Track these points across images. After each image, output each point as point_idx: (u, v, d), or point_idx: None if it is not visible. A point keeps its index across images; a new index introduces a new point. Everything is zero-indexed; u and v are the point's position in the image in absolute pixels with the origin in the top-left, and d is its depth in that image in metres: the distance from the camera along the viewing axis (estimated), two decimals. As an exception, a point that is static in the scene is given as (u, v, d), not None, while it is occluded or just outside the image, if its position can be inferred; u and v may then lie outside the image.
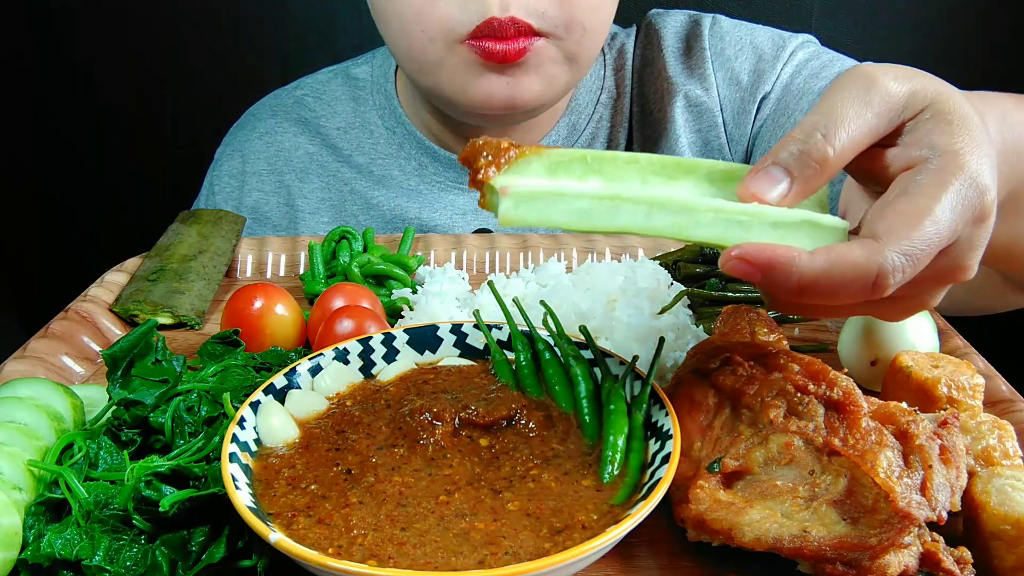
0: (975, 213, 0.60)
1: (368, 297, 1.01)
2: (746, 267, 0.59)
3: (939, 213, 0.58)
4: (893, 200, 0.60)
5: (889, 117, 0.63)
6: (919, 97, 0.63)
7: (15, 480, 0.70)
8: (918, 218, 0.58)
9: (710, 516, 0.65)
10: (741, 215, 0.62)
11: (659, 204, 0.63)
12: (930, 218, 0.58)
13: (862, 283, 0.58)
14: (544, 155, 0.67)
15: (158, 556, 0.65)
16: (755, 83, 1.35)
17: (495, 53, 1.11)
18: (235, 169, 1.49)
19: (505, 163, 0.67)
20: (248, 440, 0.72)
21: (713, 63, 1.37)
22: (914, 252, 0.58)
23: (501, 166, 0.67)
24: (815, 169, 0.62)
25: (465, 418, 0.74)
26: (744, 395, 0.71)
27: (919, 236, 0.58)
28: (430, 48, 1.15)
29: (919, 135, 0.63)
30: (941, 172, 0.60)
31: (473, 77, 1.16)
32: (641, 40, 1.43)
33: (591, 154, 0.68)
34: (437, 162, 1.40)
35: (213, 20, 2.10)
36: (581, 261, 1.23)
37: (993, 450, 0.70)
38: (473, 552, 0.61)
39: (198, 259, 1.18)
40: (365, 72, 1.48)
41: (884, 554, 0.58)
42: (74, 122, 2.17)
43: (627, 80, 1.42)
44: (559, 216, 0.64)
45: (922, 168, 0.61)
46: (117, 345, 0.83)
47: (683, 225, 0.63)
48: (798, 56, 1.34)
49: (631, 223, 0.63)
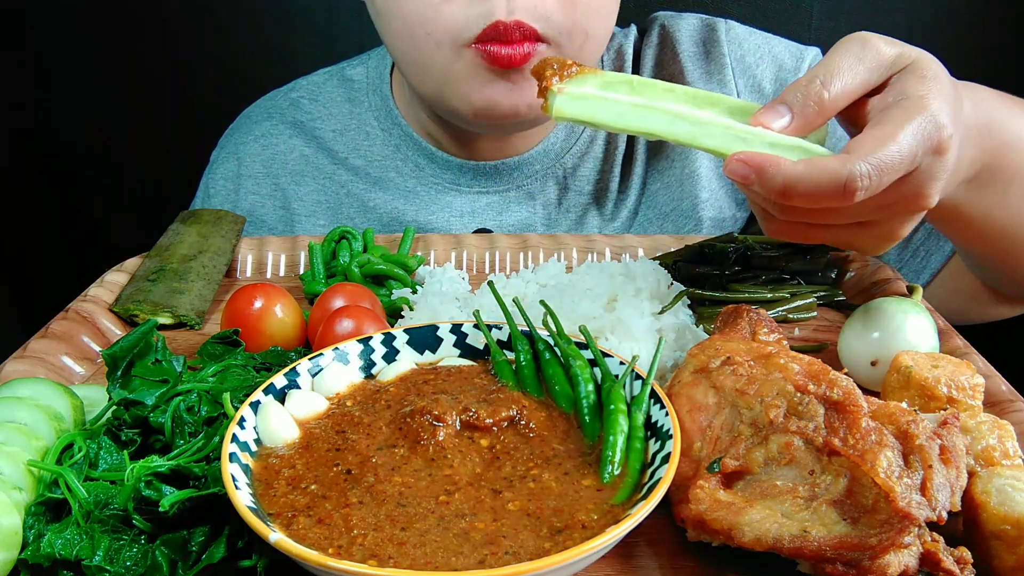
0: (933, 144, 0.73)
1: (368, 297, 1.01)
2: (743, 167, 0.73)
3: (902, 137, 0.71)
4: (867, 130, 0.74)
5: (879, 72, 0.76)
6: (904, 57, 0.77)
7: (15, 480, 0.70)
8: (884, 140, 0.71)
9: (710, 516, 0.65)
10: (746, 133, 0.75)
11: (681, 116, 0.78)
12: (894, 140, 0.71)
13: (835, 186, 0.70)
14: (598, 75, 0.82)
15: (158, 556, 0.65)
16: (778, 92, 1.37)
17: (501, 57, 1.10)
18: (230, 172, 1.49)
19: (567, 76, 0.82)
20: (248, 440, 0.72)
21: (734, 70, 1.38)
22: (879, 163, 0.70)
23: (564, 78, 0.82)
24: (813, 109, 0.75)
25: (466, 420, 0.74)
26: (744, 395, 0.71)
27: (884, 151, 0.70)
28: (435, 52, 1.14)
29: (895, 85, 0.76)
30: (907, 109, 0.73)
31: (477, 84, 1.15)
32: (653, 43, 1.42)
33: (636, 79, 0.82)
34: (434, 163, 1.40)
35: (213, 20, 2.10)
36: (581, 261, 1.23)
37: (993, 450, 0.70)
38: (473, 552, 0.61)
39: (198, 259, 1.18)
40: (361, 73, 1.48)
41: (884, 554, 0.58)
42: (74, 122, 2.17)
43: None
44: (601, 114, 0.80)
45: (893, 106, 0.74)
46: (117, 345, 0.83)
47: (697, 134, 0.77)
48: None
49: (657, 127, 0.79)
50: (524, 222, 1.40)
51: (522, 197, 1.40)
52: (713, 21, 1.42)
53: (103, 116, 2.16)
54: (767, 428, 0.68)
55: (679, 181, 1.38)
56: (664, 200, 1.39)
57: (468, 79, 1.15)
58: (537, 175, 1.39)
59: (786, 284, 1.14)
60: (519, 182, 1.39)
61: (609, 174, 1.40)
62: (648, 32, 1.44)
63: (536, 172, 1.39)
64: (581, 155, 1.39)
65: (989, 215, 0.98)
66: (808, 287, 1.13)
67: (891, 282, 1.11)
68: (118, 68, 2.13)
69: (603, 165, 1.40)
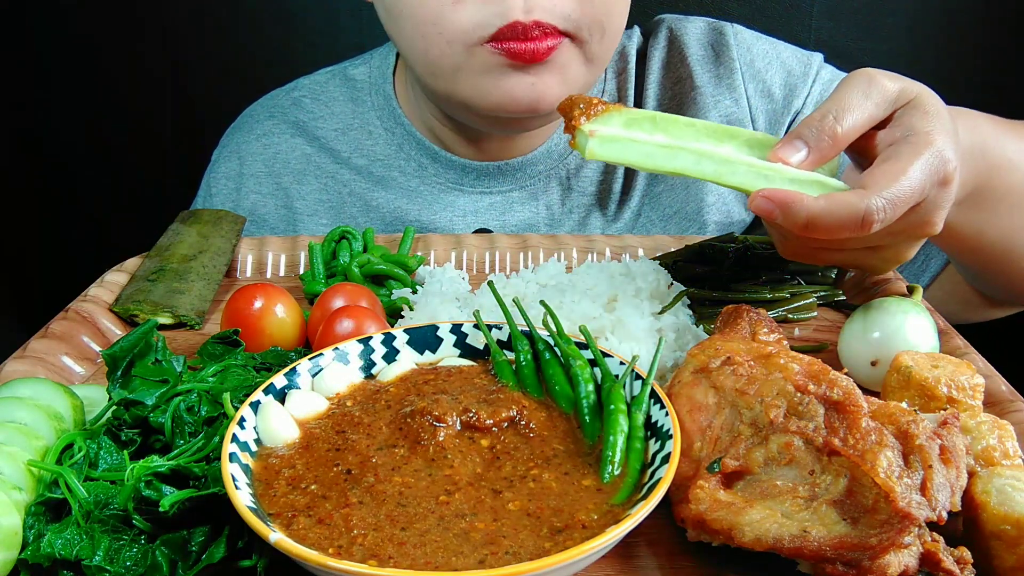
0: (940, 176, 0.80)
1: (368, 297, 1.01)
2: (768, 204, 0.79)
3: (912, 172, 0.77)
4: (878, 164, 0.80)
5: (884, 107, 0.83)
6: (906, 93, 0.84)
7: (15, 480, 0.70)
8: (897, 175, 0.77)
9: (710, 516, 0.65)
10: (767, 170, 0.82)
11: (706, 155, 0.84)
12: (905, 175, 0.77)
13: (854, 219, 0.76)
14: (623, 112, 0.89)
15: (158, 556, 0.65)
16: (788, 97, 1.39)
17: (521, 52, 1.10)
18: (232, 171, 1.48)
19: (594, 115, 0.88)
20: (248, 440, 0.72)
21: (744, 74, 1.39)
22: (893, 197, 0.76)
23: (591, 116, 0.88)
24: (828, 143, 0.81)
25: (466, 421, 0.74)
26: (744, 395, 0.71)
27: (897, 187, 0.77)
28: (448, 52, 1.14)
29: (902, 120, 0.82)
30: (916, 145, 0.79)
31: (495, 79, 1.14)
32: (660, 45, 1.42)
33: (659, 116, 0.89)
34: (437, 163, 1.40)
35: (213, 20, 2.10)
36: (581, 261, 1.23)
37: (993, 450, 0.70)
38: (473, 552, 0.61)
39: (198, 259, 1.18)
40: (363, 73, 1.48)
41: (884, 554, 0.58)
42: (74, 122, 2.17)
43: (630, 83, 1.42)
44: (631, 156, 0.86)
45: (902, 142, 0.80)
46: (117, 345, 0.83)
47: (722, 172, 0.83)
48: (823, 76, 1.41)
49: (684, 166, 0.85)
50: (527, 222, 1.40)
51: (525, 198, 1.40)
52: (720, 25, 1.42)
53: (103, 116, 2.16)
54: (767, 428, 0.68)
55: (684, 184, 1.39)
56: (668, 202, 1.39)
57: (483, 74, 1.15)
58: (540, 176, 1.39)
59: (786, 284, 1.14)
60: (522, 182, 1.39)
61: (612, 175, 1.40)
62: (654, 34, 1.44)
63: (539, 173, 1.39)
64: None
65: (981, 232, 1.05)
66: (808, 287, 1.13)
67: (891, 282, 1.11)
68: (118, 68, 2.13)
69: (607, 166, 1.40)
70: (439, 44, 1.14)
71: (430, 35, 1.14)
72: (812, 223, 0.77)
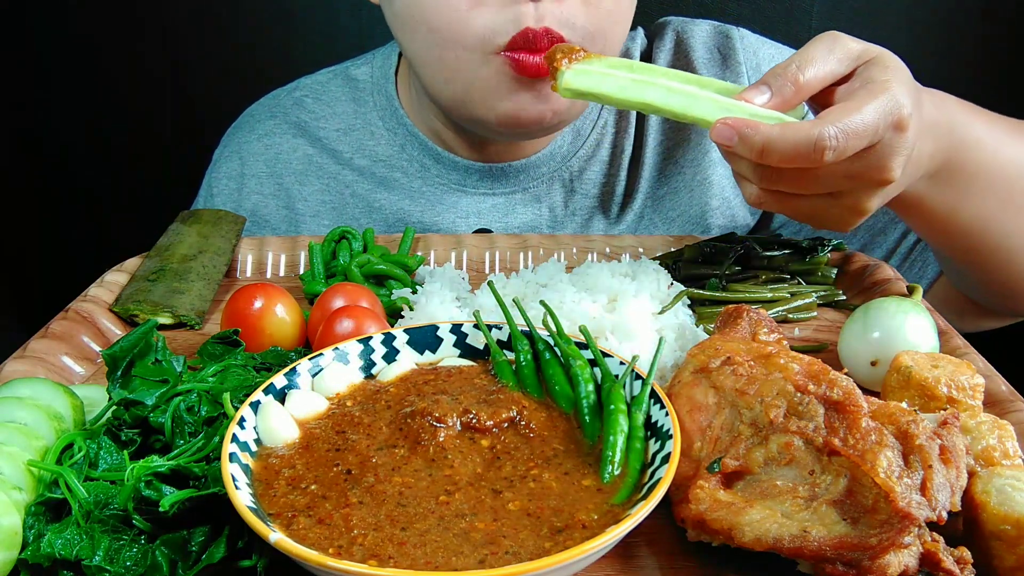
0: (894, 119, 0.82)
1: (368, 297, 1.01)
2: (727, 130, 0.82)
3: (866, 109, 0.81)
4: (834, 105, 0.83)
5: (846, 63, 0.87)
6: (868, 52, 0.88)
7: (15, 480, 0.70)
8: (850, 110, 0.81)
9: (710, 516, 0.65)
10: (731, 106, 0.85)
11: (675, 91, 0.88)
12: (859, 111, 0.81)
13: (807, 144, 0.79)
14: (603, 59, 0.95)
15: (158, 556, 0.65)
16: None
17: (529, 66, 1.10)
18: (233, 171, 1.48)
19: (575, 59, 0.95)
20: (248, 440, 0.72)
21: (750, 78, 1.39)
22: (845, 128, 0.79)
23: (572, 60, 0.95)
24: (790, 88, 0.85)
25: (466, 422, 0.74)
26: (744, 395, 0.71)
27: (849, 119, 0.80)
28: (464, 59, 1.14)
29: (862, 75, 0.87)
30: (871, 90, 0.83)
31: (504, 92, 1.15)
32: (666, 47, 1.42)
33: (636, 63, 0.94)
34: (440, 164, 1.40)
35: (213, 20, 2.10)
36: (581, 261, 1.23)
37: (993, 450, 0.70)
38: (473, 552, 0.61)
39: (198, 259, 1.18)
40: (365, 73, 1.48)
41: (884, 554, 0.58)
42: (74, 122, 2.17)
43: None
44: (604, 87, 0.91)
45: (859, 88, 0.84)
46: (117, 345, 0.83)
47: (688, 105, 0.87)
48: None
49: (654, 98, 0.89)
50: (530, 225, 1.40)
51: (528, 200, 1.40)
52: (726, 28, 1.43)
53: (103, 116, 2.16)
54: (767, 428, 0.68)
55: (688, 187, 1.39)
56: (671, 205, 1.40)
57: (494, 87, 1.15)
58: (543, 178, 1.39)
59: (786, 284, 1.14)
60: (525, 184, 1.39)
61: (615, 178, 1.40)
62: (660, 36, 1.44)
63: (542, 175, 1.39)
64: (588, 158, 1.39)
65: (954, 211, 1.05)
66: (808, 287, 1.13)
67: (891, 282, 1.11)
68: (118, 68, 2.13)
69: (609, 169, 1.40)
70: (455, 51, 1.13)
71: (445, 43, 1.13)
72: (767, 148, 0.80)
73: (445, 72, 1.18)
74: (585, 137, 1.39)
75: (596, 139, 1.40)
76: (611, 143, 1.40)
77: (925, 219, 1.09)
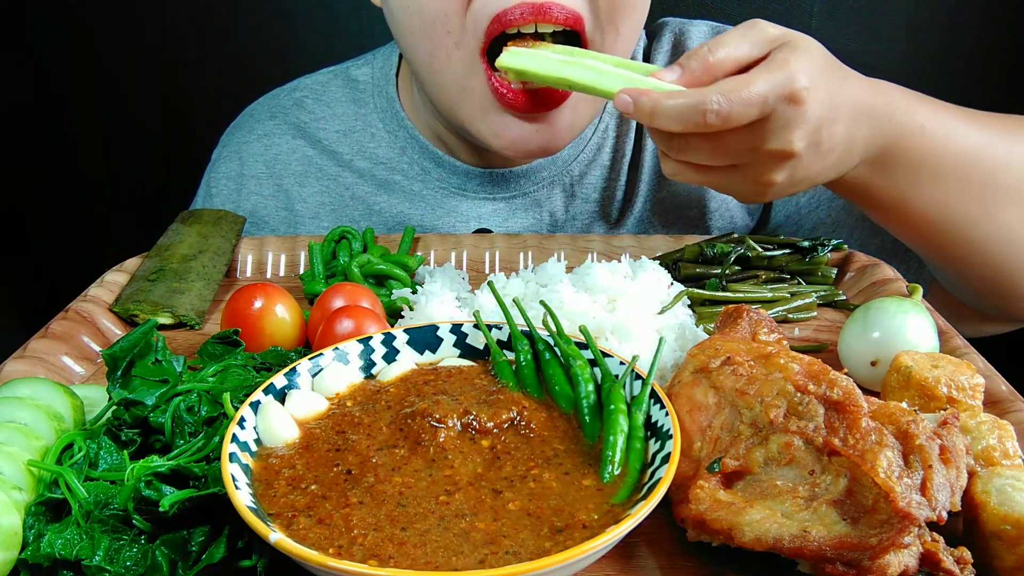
0: (785, 92, 0.86)
1: (368, 297, 1.01)
2: (624, 96, 0.88)
3: (754, 81, 0.85)
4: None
5: (760, 46, 0.90)
6: (786, 36, 0.91)
7: (15, 480, 0.70)
8: (740, 81, 0.85)
9: (710, 516, 0.65)
10: (639, 82, 0.90)
11: (592, 68, 0.96)
12: (746, 82, 0.85)
13: (691, 108, 0.84)
14: (547, 46, 1.05)
15: (158, 556, 0.65)
16: None
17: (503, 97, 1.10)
18: (233, 172, 1.48)
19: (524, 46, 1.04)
20: (248, 440, 0.72)
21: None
22: (729, 95, 0.83)
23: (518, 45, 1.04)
24: (698, 67, 0.89)
25: (466, 423, 0.74)
26: (744, 395, 0.71)
27: (735, 85, 0.84)
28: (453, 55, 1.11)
29: (774, 57, 0.89)
30: (768, 66, 0.87)
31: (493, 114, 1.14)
32: (664, 49, 1.42)
33: (577, 50, 1.03)
34: (441, 167, 1.39)
35: (213, 20, 2.10)
36: (580, 261, 1.23)
37: (993, 450, 0.70)
38: (474, 552, 0.61)
39: (198, 259, 1.18)
40: (366, 74, 1.47)
41: (884, 554, 0.58)
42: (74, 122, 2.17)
43: None
44: (531, 64, 1.01)
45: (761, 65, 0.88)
46: (117, 345, 0.83)
47: (598, 80, 0.94)
48: None
49: (571, 75, 0.96)
50: (530, 229, 1.40)
51: (528, 204, 1.40)
52: (723, 29, 1.42)
53: (103, 116, 2.16)
54: (767, 428, 0.68)
55: (687, 190, 1.39)
56: (671, 208, 1.40)
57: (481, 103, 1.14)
58: (544, 182, 1.39)
59: (786, 284, 1.14)
60: (526, 189, 1.39)
61: (616, 182, 1.40)
62: (658, 37, 1.44)
63: (543, 179, 1.39)
64: (588, 163, 1.39)
65: (905, 200, 1.06)
66: (808, 287, 1.14)
67: (891, 282, 1.11)
68: (118, 68, 2.13)
69: (610, 173, 1.40)
70: (446, 45, 1.11)
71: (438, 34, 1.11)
72: (655, 110, 0.85)
73: (435, 73, 1.16)
74: (586, 141, 1.39)
75: (597, 143, 1.40)
76: (612, 147, 1.40)
77: (879, 207, 1.09)
